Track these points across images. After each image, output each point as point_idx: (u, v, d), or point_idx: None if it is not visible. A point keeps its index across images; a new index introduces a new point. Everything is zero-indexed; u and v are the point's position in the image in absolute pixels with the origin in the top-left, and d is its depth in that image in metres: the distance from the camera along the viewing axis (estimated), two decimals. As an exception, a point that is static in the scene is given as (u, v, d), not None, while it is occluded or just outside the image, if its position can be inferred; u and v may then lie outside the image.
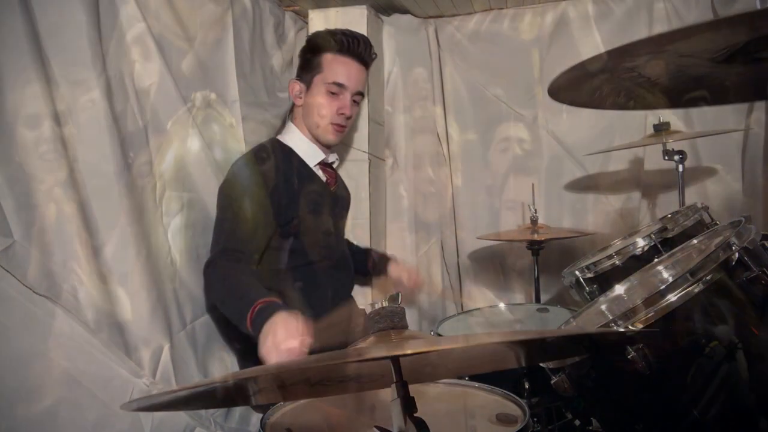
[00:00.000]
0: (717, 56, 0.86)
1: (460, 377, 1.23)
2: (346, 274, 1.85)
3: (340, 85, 1.72)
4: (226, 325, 1.73)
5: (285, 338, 1.20)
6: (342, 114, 1.73)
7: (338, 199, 1.87)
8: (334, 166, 1.88)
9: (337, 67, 1.72)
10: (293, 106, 1.81)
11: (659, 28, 2.21)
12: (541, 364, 1.09)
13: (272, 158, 1.67)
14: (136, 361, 1.33)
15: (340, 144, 2.21)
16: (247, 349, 1.70)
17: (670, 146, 1.85)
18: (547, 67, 2.41)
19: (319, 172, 1.79)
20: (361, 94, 1.78)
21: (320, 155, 1.78)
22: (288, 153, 1.74)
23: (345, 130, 1.78)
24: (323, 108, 1.72)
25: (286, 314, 1.26)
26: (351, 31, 1.76)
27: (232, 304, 1.42)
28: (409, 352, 0.65)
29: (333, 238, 1.80)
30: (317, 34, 1.81)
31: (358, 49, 1.73)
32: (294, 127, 1.79)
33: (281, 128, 1.92)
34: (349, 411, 1.13)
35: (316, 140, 1.77)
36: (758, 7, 0.71)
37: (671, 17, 2.24)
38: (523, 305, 2.09)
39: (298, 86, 1.76)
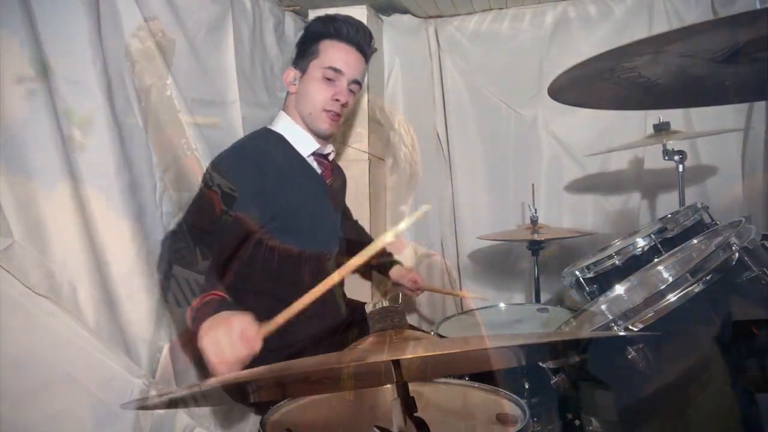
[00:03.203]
0: (717, 56, 0.86)
1: (461, 377, 1.23)
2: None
3: (336, 71, 1.64)
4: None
5: (230, 343, 1.06)
6: (337, 101, 1.64)
7: (334, 192, 1.79)
8: (330, 158, 1.79)
9: (335, 53, 1.65)
10: (287, 95, 1.74)
11: (659, 28, 2.21)
12: (541, 364, 1.09)
13: (261, 147, 1.61)
14: (136, 361, 1.33)
15: (339, 144, 2.22)
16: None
17: (670, 146, 1.85)
18: (547, 67, 2.41)
19: (314, 164, 1.71)
20: (358, 83, 1.70)
21: (314, 145, 1.68)
22: (279, 141, 1.66)
23: (340, 119, 1.68)
24: (317, 93, 1.64)
25: (235, 315, 1.13)
26: (352, 18, 1.70)
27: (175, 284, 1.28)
28: (408, 356, 0.65)
29: (327, 232, 1.72)
30: (316, 20, 1.75)
31: (357, 36, 1.67)
32: (286, 116, 1.71)
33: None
34: (348, 411, 1.13)
35: (310, 129, 1.69)
36: (758, 7, 0.71)
37: (671, 17, 2.25)
38: (523, 305, 2.08)
39: (293, 73, 1.70)
